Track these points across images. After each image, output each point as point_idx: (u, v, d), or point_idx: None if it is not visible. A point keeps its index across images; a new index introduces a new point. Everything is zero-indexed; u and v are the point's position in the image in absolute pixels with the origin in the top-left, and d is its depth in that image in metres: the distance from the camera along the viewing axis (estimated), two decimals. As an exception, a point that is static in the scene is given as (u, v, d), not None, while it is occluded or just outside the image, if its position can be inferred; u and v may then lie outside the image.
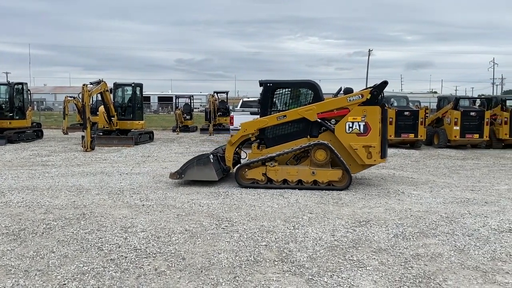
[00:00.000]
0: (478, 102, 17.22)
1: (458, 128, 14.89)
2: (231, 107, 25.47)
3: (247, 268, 4.08)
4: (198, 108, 49.77)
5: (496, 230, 5.30)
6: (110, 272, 3.96)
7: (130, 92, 17.10)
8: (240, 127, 14.06)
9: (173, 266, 4.13)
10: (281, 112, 8.18)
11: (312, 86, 8.33)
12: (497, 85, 79.88)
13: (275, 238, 4.94)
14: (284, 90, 8.57)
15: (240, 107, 15.85)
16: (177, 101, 26.00)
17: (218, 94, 24.56)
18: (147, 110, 52.38)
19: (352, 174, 7.82)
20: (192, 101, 25.42)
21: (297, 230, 5.26)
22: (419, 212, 6.17)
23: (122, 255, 4.36)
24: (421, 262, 4.25)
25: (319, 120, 7.91)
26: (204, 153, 8.62)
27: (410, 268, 4.10)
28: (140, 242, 4.76)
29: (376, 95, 7.75)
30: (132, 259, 4.26)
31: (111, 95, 16.01)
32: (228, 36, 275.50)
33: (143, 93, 17.68)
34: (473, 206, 6.58)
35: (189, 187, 7.85)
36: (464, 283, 3.78)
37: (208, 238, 4.94)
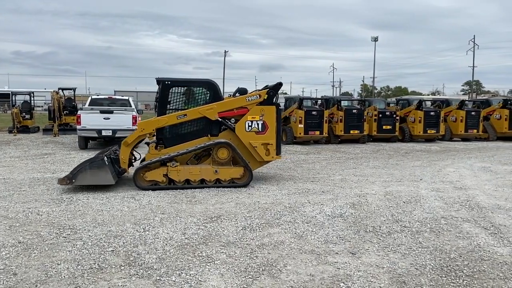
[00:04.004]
0: (319, 102, 19.09)
1: (302, 126, 16.27)
2: (80, 105, 23.65)
3: (90, 276, 3.82)
4: (42, 106, 45.07)
5: (330, 216, 5.94)
6: None
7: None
8: (88, 127, 13.28)
9: (1, 283, 3.65)
10: (181, 111, 7.95)
11: (211, 86, 8.25)
12: (336, 87, 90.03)
13: (123, 243, 4.74)
14: (182, 89, 8.31)
15: (88, 105, 14.79)
16: (13, 99, 23.05)
17: (64, 91, 22.55)
18: (-23, 108, 45.56)
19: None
20: (32, 99, 22.83)
21: (147, 232, 5.13)
22: (266, 204, 6.57)
23: None
24: (265, 251, 4.53)
25: (220, 119, 7.95)
26: (97, 155, 7.85)
27: (255, 258, 4.33)
28: (-41, 262, 4.10)
29: (272, 95, 8.10)
30: None
31: None
32: (78, 29, 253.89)
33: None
34: (312, 195, 7.26)
35: (25, 194, 7.05)
36: (301, 267, 4.14)
37: (46, 249, 4.50)
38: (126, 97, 16.32)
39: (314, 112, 16.43)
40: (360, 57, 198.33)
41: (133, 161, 8.64)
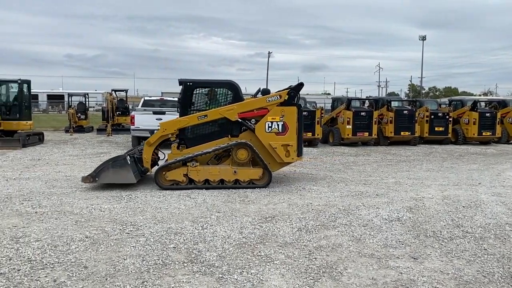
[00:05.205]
0: (367, 103, 18.75)
1: (350, 127, 16.05)
2: (130, 106, 24.51)
3: (155, 272, 3.96)
4: (94, 107, 47.04)
5: (387, 220, 5.82)
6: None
7: (15, 90, 15.52)
8: (141, 127, 13.73)
9: (74, 276, 3.85)
10: (202, 112, 8.09)
11: (232, 86, 8.32)
12: (382, 87, 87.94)
13: (184, 240, 4.87)
14: (204, 90, 8.45)
15: (141, 106, 15.29)
16: (70, 100, 24.23)
17: (117, 92, 23.46)
18: (34, 109, 48.14)
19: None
20: (87, 100, 23.90)
21: (206, 230, 5.24)
22: (319, 206, 6.53)
23: (14, 268, 3.96)
24: (323, 253, 4.51)
25: (240, 120, 7.99)
26: (119, 155, 8.16)
27: (314, 260, 4.32)
28: (35, 253, 4.36)
29: (293, 96, 8.04)
30: (26, 272, 3.89)
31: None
32: (126, 32, 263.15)
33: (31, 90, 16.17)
34: (366, 198, 7.14)
35: (87, 191, 7.39)
36: (362, 270, 4.09)
37: (112, 244, 4.70)
38: (177, 99, 16.71)
39: (363, 113, 16.16)
40: (406, 57, 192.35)
41: (157, 160, 8.82)
